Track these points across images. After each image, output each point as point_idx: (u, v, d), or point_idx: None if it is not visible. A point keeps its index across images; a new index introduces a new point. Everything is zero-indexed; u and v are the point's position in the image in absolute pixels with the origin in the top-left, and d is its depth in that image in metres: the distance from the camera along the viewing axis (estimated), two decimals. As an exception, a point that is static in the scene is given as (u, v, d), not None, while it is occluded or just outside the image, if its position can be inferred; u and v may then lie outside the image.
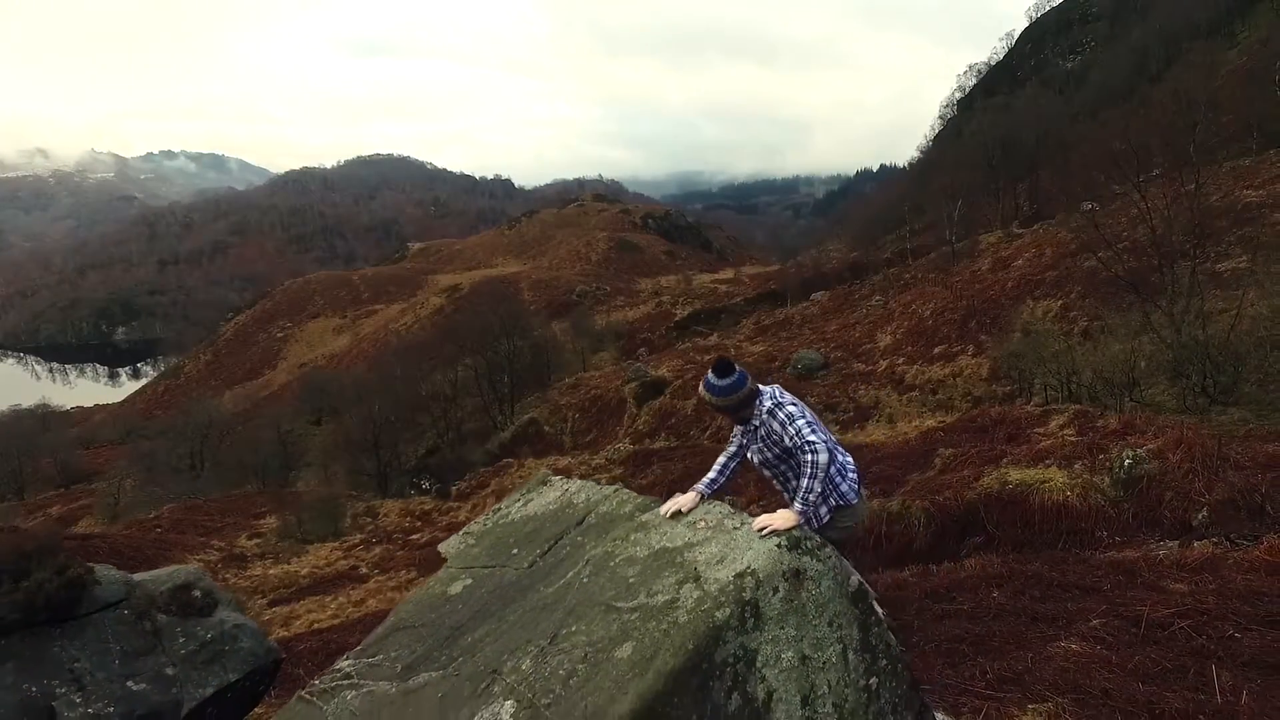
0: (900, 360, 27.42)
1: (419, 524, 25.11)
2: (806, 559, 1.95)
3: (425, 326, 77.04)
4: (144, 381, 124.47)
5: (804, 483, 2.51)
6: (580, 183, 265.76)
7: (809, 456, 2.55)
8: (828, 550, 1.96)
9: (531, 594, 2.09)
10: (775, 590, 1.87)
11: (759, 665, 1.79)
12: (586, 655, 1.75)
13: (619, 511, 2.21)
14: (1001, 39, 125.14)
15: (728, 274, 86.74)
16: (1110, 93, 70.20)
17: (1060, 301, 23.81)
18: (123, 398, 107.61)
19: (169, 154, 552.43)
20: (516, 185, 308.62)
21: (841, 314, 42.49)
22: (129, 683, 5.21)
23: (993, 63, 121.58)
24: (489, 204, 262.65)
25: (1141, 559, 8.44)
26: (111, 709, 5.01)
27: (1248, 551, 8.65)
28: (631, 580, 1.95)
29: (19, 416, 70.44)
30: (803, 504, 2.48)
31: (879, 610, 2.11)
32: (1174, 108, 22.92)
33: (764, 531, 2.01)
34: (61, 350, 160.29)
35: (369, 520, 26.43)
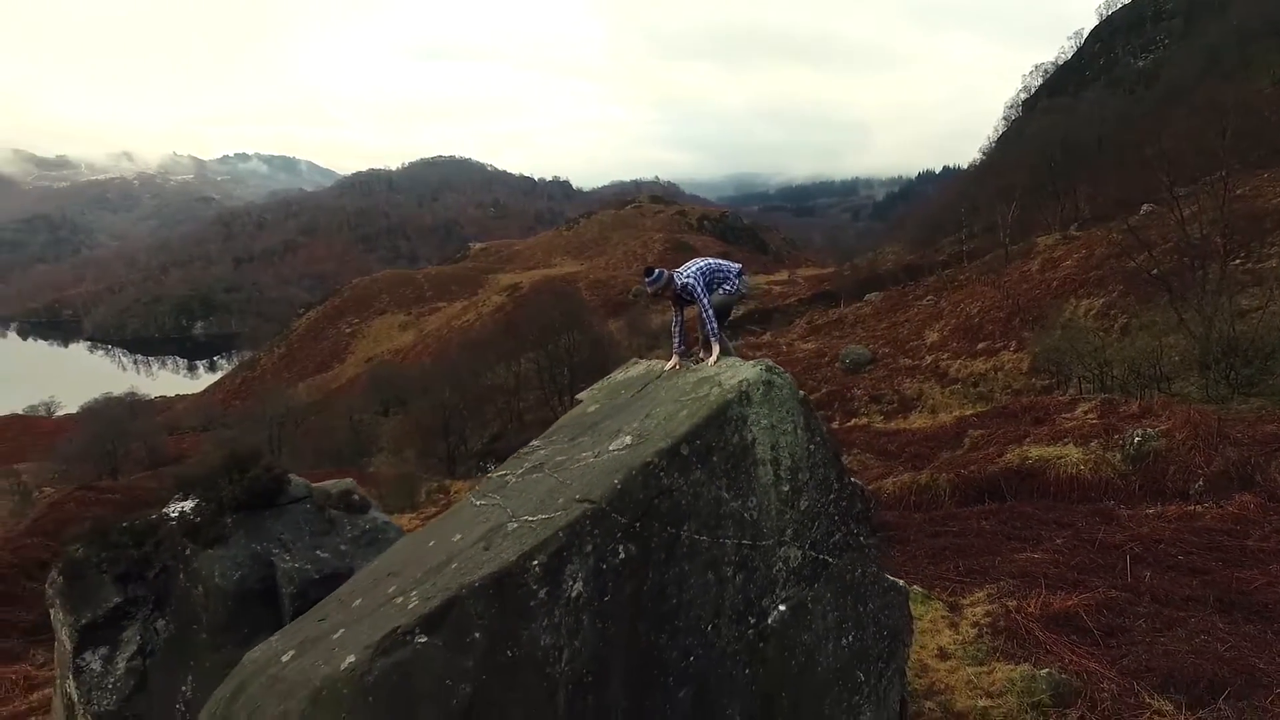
0: (945, 355, 28.38)
1: (485, 501, 27.25)
2: (775, 375, 3.59)
3: (487, 323, 79.68)
4: (220, 374, 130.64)
5: (706, 326, 4.13)
6: (637, 184, 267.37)
7: (702, 303, 4.12)
8: (787, 374, 3.60)
9: (634, 403, 3.79)
10: (758, 389, 3.49)
11: (749, 423, 3.42)
12: (665, 416, 3.42)
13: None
14: (1070, 37, 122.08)
15: (782, 275, 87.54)
16: (1181, 92, 68.61)
17: (1102, 300, 24.53)
18: (201, 389, 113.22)
19: (243, 156, 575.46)
20: (574, 187, 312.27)
21: (894, 314, 43.28)
22: (317, 551, 7.22)
23: (1060, 62, 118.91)
24: (547, 205, 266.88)
25: (1122, 508, 9.76)
26: (309, 566, 7.01)
27: (1224, 509, 9.89)
28: (685, 388, 3.63)
29: (110, 404, 75.46)
30: (713, 335, 4.09)
31: (815, 412, 3.72)
32: (1207, 113, 23.39)
33: (731, 364, 3.69)
34: (145, 343, 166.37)
35: (441, 496, 28.68)
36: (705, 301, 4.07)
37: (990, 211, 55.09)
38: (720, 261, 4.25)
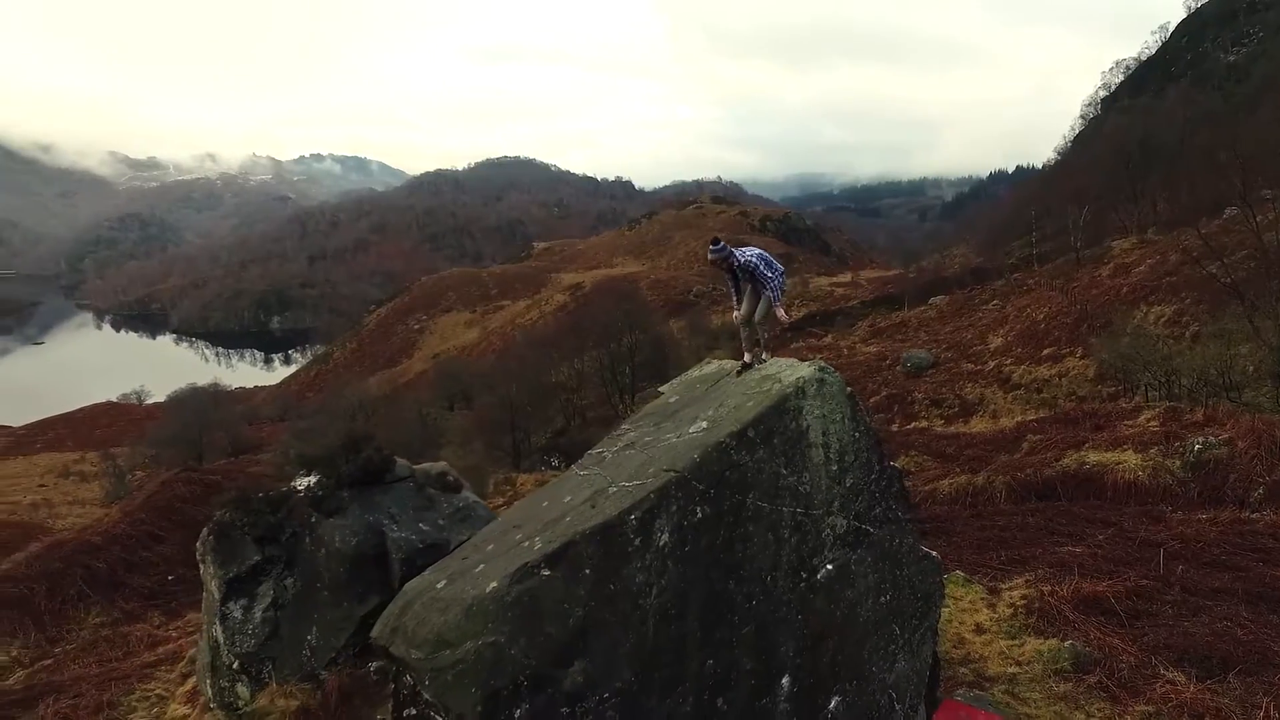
0: (1009, 361, 28.21)
1: (551, 492, 28.39)
2: (826, 374, 4.33)
3: (549, 322, 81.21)
4: (295, 367, 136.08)
5: (773, 291, 4.92)
6: (699, 184, 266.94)
7: (769, 276, 4.93)
8: (837, 373, 4.32)
9: (708, 396, 4.57)
10: (813, 385, 4.23)
11: (804, 412, 4.16)
12: (734, 405, 4.19)
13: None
14: (1154, 32, 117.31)
15: (845, 277, 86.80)
16: (1276, 88, 65.35)
17: (1174, 307, 24.11)
18: (278, 380, 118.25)
19: (318, 157, 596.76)
20: (636, 187, 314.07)
21: (958, 318, 42.86)
22: (420, 524, 8.22)
23: (1143, 58, 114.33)
24: (609, 205, 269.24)
25: (1174, 512, 10.03)
26: (414, 536, 8.00)
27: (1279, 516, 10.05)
28: (751, 384, 4.41)
29: (195, 394, 79.74)
30: (776, 298, 4.89)
31: (863, 405, 4.42)
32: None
33: (789, 364, 4.45)
34: (226, 336, 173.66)
35: (508, 488, 29.97)
36: (769, 275, 4.96)
37: (1063, 214, 53.79)
38: (771, 259, 5.07)
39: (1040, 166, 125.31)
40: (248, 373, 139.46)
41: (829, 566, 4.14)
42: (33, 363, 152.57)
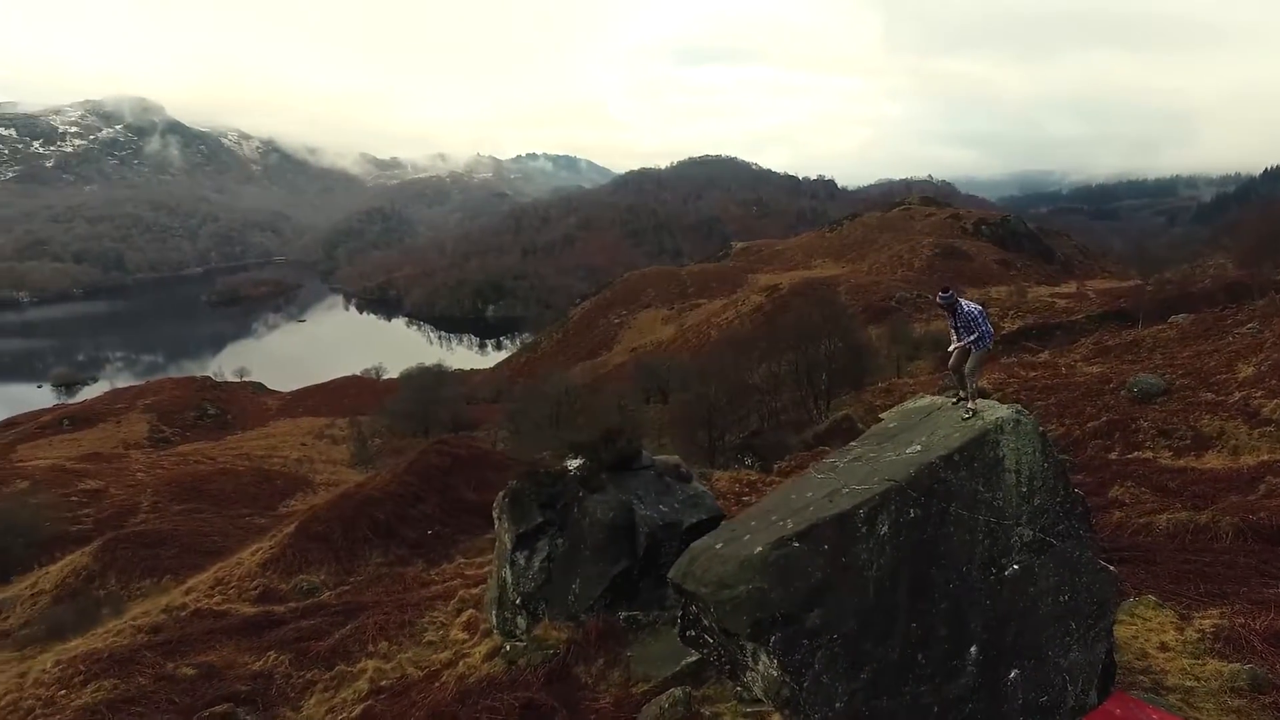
0: (1259, 393, 25.46)
1: (746, 490, 29.70)
2: (1021, 416, 5.43)
3: (745, 322, 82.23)
4: (505, 352, 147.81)
5: (980, 346, 6.09)
6: (907, 184, 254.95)
7: (981, 327, 6.07)
8: (1030, 414, 5.38)
9: (921, 424, 5.84)
10: (1009, 424, 5.36)
11: (1000, 445, 5.29)
12: (943, 434, 5.44)
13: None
14: None
15: (1069, 287, 79.96)
16: None
17: None
18: (491, 364, 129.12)
19: (532, 156, 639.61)
20: (839, 186, 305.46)
21: (1203, 340, 38.71)
22: (660, 505, 10.00)
23: None
24: (810, 204, 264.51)
25: None
26: (654, 514, 9.79)
27: None
28: (959, 420, 5.65)
29: (423, 373, 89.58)
30: (980, 347, 6.03)
31: (1051, 443, 5.43)
32: None
33: (991, 405, 5.60)
34: (449, 321, 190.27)
35: (705, 483, 31.76)
36: (986, 329, 6.19)
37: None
38: (985, 320, 6.23)
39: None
40: (465, 355, 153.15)
41: (1015, 566, 5.25)
42: (296, 337, 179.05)
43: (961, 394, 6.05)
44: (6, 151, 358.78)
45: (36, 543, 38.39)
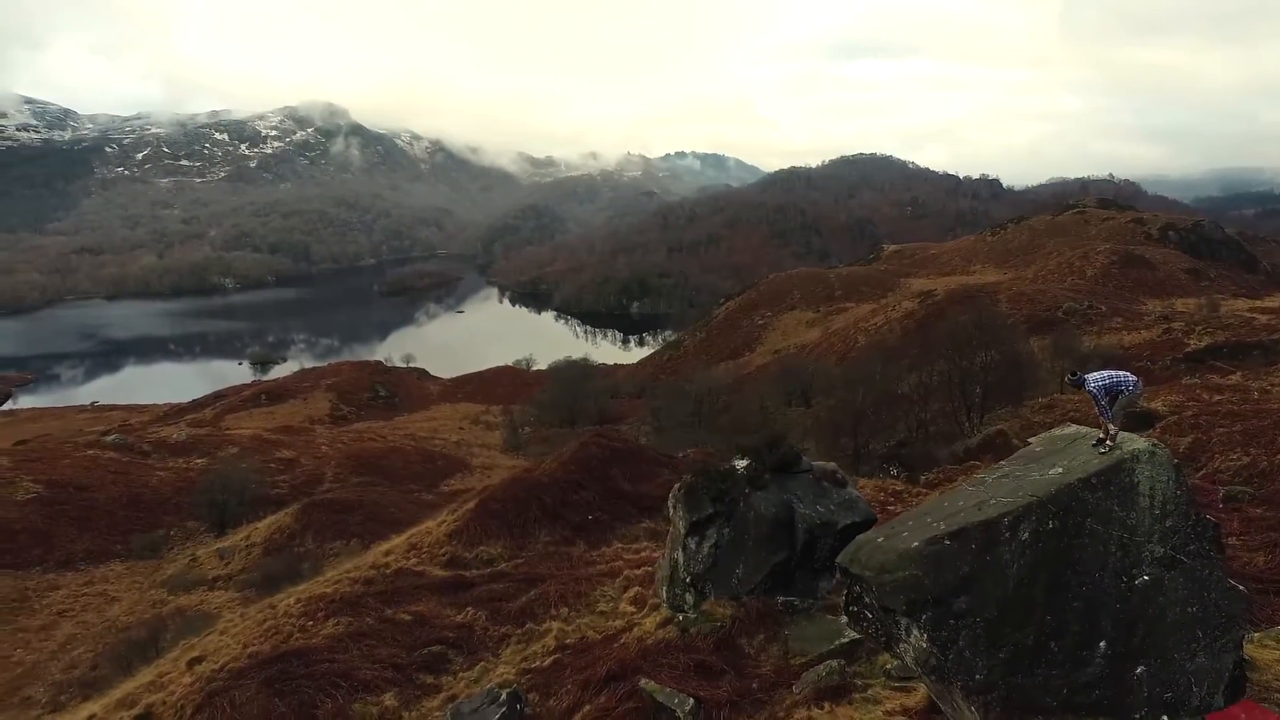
0: None
1: (892, 500, 29.84)
2: (1156, 449, 6.21)
3: (894, 329, 79.97)
4: (648, 349, 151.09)
5: (1113, 409, 6.74)
6: (1084, 183, 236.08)
7: (1119, 384, 6.78)
8: (1165, 448, 6.15)
9: (1065, 450, 6.75)
10: (1145, 454, 6.17)
11: (1136, 472, 6.11)
12: (1084, 460, 6.35)
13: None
14: None
15: (1274, 301, 72.00)
16: None
17: None
18: (633, 360, 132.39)
19: (680, 154, 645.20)
20: (1004, 185, 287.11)
21: None
22: (817, 506, 11.16)
23: None
24: (970, 205, 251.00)
25: None
26: (812, 513, 10.97)
27: None
28: (1093, 447, 6.51)
29: (570, 366, 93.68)
30: (1106, 418, 6.73)
31: (1184, 473, 6.18)
32: None
33: (1130, 438, 6.36)
34: (595, 316, 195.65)
35: (849, 488, 32.18)
36: (1103, 404, 6.87)
37: None
38: (1120, 376, 6.95)
39: None
40: (609, 350, 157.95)
41: (1145, 577, 6.08)
42: (455, 327, 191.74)
43: (1104, 432, 6.86)
44: (220, 154, 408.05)
45: (245, 501, 44.65)
